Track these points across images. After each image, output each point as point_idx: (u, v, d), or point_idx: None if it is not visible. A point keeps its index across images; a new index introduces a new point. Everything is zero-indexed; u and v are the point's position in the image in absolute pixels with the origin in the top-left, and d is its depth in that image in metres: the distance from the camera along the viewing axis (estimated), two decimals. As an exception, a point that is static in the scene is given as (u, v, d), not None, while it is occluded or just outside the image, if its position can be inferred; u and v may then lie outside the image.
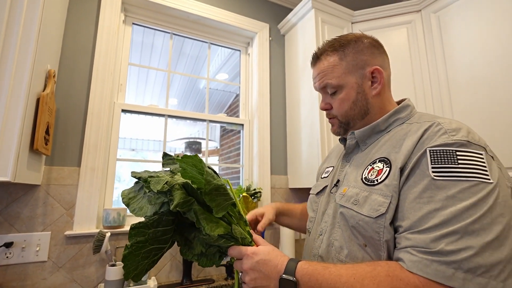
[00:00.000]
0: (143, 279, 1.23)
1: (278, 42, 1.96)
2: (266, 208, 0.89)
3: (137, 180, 0.61)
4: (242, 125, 1.84)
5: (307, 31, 1.72)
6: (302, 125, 1.70)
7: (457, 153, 0.50)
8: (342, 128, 0.72)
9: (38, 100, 1.05)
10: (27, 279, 1.12)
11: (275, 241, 1.67)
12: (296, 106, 1.78)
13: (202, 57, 2.83)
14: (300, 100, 1.75)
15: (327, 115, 0.75)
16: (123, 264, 0.52)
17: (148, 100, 3.95)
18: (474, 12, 1.40)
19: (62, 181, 1.23)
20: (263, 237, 1.55)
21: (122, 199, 0.57)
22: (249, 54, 1.93)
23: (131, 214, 1.40)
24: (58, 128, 1.26)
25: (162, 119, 1.61)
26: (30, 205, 1.17)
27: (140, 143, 5.53)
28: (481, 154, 0.50)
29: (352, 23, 1.78)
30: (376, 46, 0.72)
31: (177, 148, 4.65)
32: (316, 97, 1.58)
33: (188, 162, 0.56)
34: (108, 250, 1.19)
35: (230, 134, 3.22)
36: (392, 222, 0.52)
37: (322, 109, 0.74)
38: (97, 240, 1.15)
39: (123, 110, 1.47)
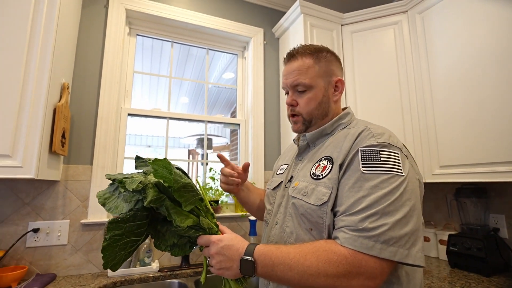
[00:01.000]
0: (147, 261, 1.43)
1: (272, 45, 2.08)
2: None
3: (112, 182, 0.67)
4: (239, 124, 1.99)
5: (297, 35, 1.83)
6: (292, 124, 1.82)
7: (380, 152, 0.65)
8: (305, 126, 0.81)
9: (54, 110, 1.25)
10: (52, 259, 1.35)
11: (268, 231, 1.82)
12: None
13: (207, 56, 3.00)
14: (291, 101, 1.86)
15: (290, 112, 0.81)
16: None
17: (160, 102, 4.18)
18: (454, 14, 1.46)
19: (78, 177, 1.45)
20: (254, 228, 1.70)
21: (98, 199, 0.64)
22: (245, 58, 2.07)
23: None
24: (73, 132, 1.47)
25: (164, 119, 1.79)
26: (52, 198, 1.39)
27: (155, 140, 5.84)
28: (397, 153, 0.65)
29: (341, 25, 1.87)
30: (339, 61, 0.86)
31: (190, 144, 4.90)
32: (304, 98, 1.69)
33: (159, 164, 0.65)
34: (117, 236, 1.39)
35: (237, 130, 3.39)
36: (332, 209, 0.66)
37: (289, 104, 0.80)
38: (107, 228, 1.36)
39: (129, 114, 1.67)
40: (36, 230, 1.33)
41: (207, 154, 2.02)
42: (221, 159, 0.97)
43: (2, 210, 1.30)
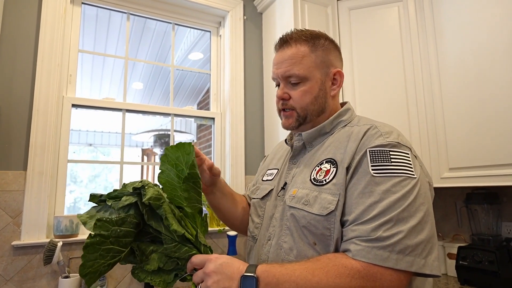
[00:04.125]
0: (100, 291, 1.43)
1: (254, 21, 2.13)
2: None
3: (96, 203, 0.78)
4: (213, 118, 2.02)
5: (285, 11, 1.89)
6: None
7: (390, 152, 0.72)
8: (298, 122, 0.85)
9: (-23, 100, 1.21)
10: (-28, 293, 1.31)
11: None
12: (274, 96, 1.95)
13: (171, 32, 2.98)
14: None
15: (282, 106, 0.87)
16: (77, 276, 0.65)
17: (106, 90, 4.07)
18: (466, -8, 1.59)
19: (7, 187, 1.41)
20: (234, 246, 1.74)
21: (79, 218, 0.72)
22: (220, 36, 2.10)
23: (85, 221, 1.58)
24: (0, 128, 1.42)
25: (120, 111, 1.77)
26: (-28, 214, 1.34)
27: (99, 136, 5.66)
28: (408, 154, 0.73)
29: (338, 0, 1.95)
30: (339, 50, 0.93)
31: (144, 142, 4.82)
32: (294, 87, 1.75)
33: (171, 159, 0.77)
34: (61, 260, 1.37)
35: (209, 126, 3.40)
36: (340, 218, 0.72)
37: (280, 97, 0.85)
38: (48, 250, 1.33)
39: (73, 105, 1.64)
40: (-50, 257, 1.28)
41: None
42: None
43: None
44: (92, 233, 0.66)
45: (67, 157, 1.59)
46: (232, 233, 1.73)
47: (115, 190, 0.75)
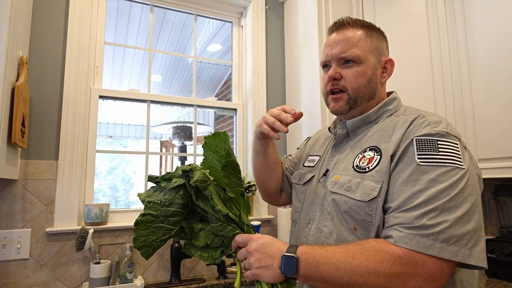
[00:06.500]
0: (129, 277, 1.47)
1: (276, 11, 2.12)
2: None
3: (154, 184, 0.86)
4: (235, 109, 2.03)
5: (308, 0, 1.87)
6: (302, 109, 1.87)
7: (438, 142, 0.71)
8: (349, 105, 0.86)
9: (13, 91, 1.25)
10: (10, 277, 1.37)
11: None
12: (296, 87, 1.95)
13: (190, 24, 2.98)
14: (300, 80, 1.92)
15: (331, 87, 0.87)
16: (108, 262, 0.71)
17: (126, 80, 4.12)
18: (498, -23, 1.53)
19: (40, 176, 1.46)
20: (258, 232, 1.77)
21: (139, 196, 0.80)
22: (242, 27, 2.10)
23: (114, 210, 1.63)
24: (33, 119, 1.47)
25: (144, 103, 1.81)
26: (8, 201, 1.40)
27: (119, 128, 5.76)
28: (457, 144, 0.72)
29: (362, -13, 1.92)
30: (387, 42, 0.95)
31: (163, 134, 4.88)
32: (317, 78, 1.75)
33: (211, 146, 0.83)
34: (92, 247, 1.42)
35: (227, 118, 3.42)
36: (382, 205, 0.71)
37: (331, 76, 0.86)
38: (80, 237, 1.39)
39: (100, 97, 1.67)
40: (-11, 242, 1.34)
41: (185, 146, 2.05)
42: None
43: None
44: (143, 213, 0.75)
45: (95, 147, 1.63)
46: (255, 222, 1.75)
47: (168, 173, 0.83)
